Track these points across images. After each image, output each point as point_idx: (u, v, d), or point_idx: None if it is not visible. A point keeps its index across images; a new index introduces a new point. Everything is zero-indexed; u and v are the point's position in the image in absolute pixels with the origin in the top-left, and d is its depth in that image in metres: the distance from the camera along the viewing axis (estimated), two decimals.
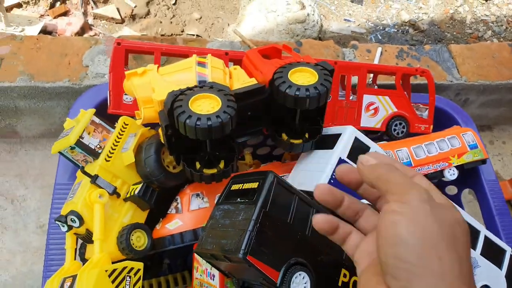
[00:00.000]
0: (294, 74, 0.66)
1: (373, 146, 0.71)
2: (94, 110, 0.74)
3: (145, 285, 0.93)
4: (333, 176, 0.66)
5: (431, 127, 0.96)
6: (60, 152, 0.72)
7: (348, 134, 0.69)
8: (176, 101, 0.59)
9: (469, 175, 1.00)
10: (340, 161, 0.67)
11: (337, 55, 1.21)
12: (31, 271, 1.07)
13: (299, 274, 0.56)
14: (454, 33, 1.68)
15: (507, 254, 0.80)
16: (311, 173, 0.69)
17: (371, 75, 1.06)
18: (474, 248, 0.77)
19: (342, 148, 0.68)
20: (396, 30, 1.62)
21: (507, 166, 1.53)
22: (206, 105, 0.59)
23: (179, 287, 0.90)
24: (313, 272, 0.57)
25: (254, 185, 0.59)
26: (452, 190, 1.06)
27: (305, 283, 0.56)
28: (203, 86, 0.62)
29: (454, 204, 0.41)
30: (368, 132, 0.91)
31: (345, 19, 1.61)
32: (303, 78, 0.65)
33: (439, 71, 1.25)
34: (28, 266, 1.07)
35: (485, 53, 1.33)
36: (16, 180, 1.17)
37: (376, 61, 1.22)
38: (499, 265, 0.79)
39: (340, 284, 0.62)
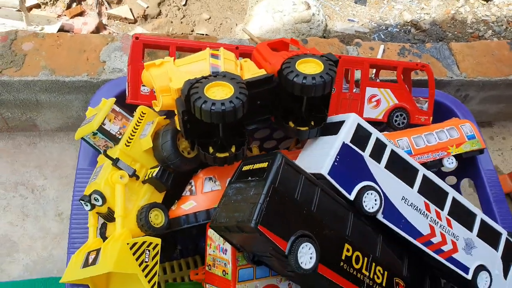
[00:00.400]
0: (301, 64, 0.71)
1: (375, 132, 0.75)
2: (114, 99, 0.80)
3: (159, 269, 0.99)
4: (337, 159, 0.71)
5: (431, 118, 1.00)
6: (82, 138, 0.78)
7: (351, 121, 0.74)
8: (192, 88, 0.64)
9: (468, 164, 1.04)
10: (344, 145, 0.72)
11: (341, 52, 1.26)
12: (51, 255, 1.13)
13: (306, 245, 0.61)
14: (455, 32, 1.73)
15: (503, 237, 0.85)
16: (316, 157, 0.74)
17: (374, 70, 1.12)
18: (471, 230, 0.81)
19: (346, 133, 0.73)
20: (398, 30, 1.67)
21: (507, 161, 1.57)
22: (220, 92, 0.64)
23: (191, 269, 0.96)
24: (318, 244, 0.63)
25: (264, 165, 0.65)
26: (451, 180, 1.11)
27: (311, 253, 0.61)
28: (217, 75, 0.68)
29: None
30: (370, 123, 0.96)
31: (349, 19, 1.67)
32: (310, 68, 0.71)
33: (440, 68, 1.30)
34: (48, 251, 1.13)
35: (484, 51, 1.38)
36: (36, 171, 1.23)
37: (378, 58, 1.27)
38: (495, 246, 0.84)
39: (343, 257, 0.67)
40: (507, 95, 1.46)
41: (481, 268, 0.81)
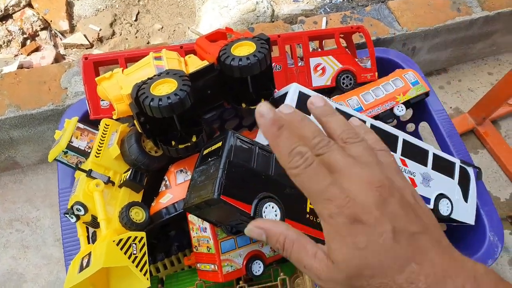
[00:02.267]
0: (236, 48, 0.78)
1: (316, 95, 0.82)
2: (77, 118, 0.86)
3: (160, 266, 1.05)
4: None
5: (376, 74, 1.08)
6: (56, 159, 0.84)
7: (293, 90, 0.81)
8: (140, 90, 0.71)
9: (421, 110, 1.12)
10: None
11: (287, 32, 1.33)
12: (58, 278, 1.19)
13: (269, 205, 0.68)
14: None
15: (456, 165, 0.92)
16: None
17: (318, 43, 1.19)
18: (426, 165, 0.89)
19: (290, 102, 0.80)
20: (342, 1, 1.75)
21: (466, 101, 1.65)
22: (165, 88, 0.71)
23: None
24: (281, 202, 0.69)
25: (219, 144, 0.71)
26: (411, 127, 1.19)
27: (275, 211, 0.68)
28: (160, 74, 0.74)
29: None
30: (321, 91, 1.03)
31: (294, 1, 1.73)
32: (244, 50, 0.77)
33: (382, 27, 1.38)
34: (55, 274, 1.19)
35: (420, 3, 1.45)
36: (27, 205, 1.29)
37: None
38: (451, 175, 0.91)
39: (308, 210, 0.73)
40: (451, 39, 1.54)
41: (440, 196, 0.88)
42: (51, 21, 1.57)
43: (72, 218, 0.79)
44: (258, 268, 0.80)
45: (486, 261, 0.91)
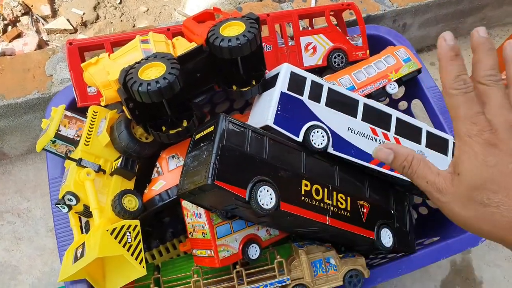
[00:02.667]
0: (225, 29, 0.76)
1: (309, 75, 0.81)
2: (64, 105, 0.84)
3: (155, 253, 1.04)
4: (279, 108, 0.76)
5: (368, 52, 1.06)
6: (44, 149, 0.82)
7: (284, 70, 0.79)
8: (128, 74, 0.69)
9: (413, 87, 1.11)
10: (282, 94, 0.77)
11: (276, 11, 1.31)
12: (53, 269, 1.18)
13: (264, 188, 0.67)
14: None
15: (450, 142, 0.92)
16: (261, 111, 0.80)
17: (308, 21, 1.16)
18: (420, 142, 0.88)
19: (282, 83, 0.78)
20: None
21: None
22: (154, 72, 0.69)
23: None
24: (276, 185, 0.69)
25: (211, 128, 0.70)
26: (403, 105, 1.18)
27: (270, 194, 0.67)
28: (148, 57, 0.72)
29: None
30: (312, 70, 1.01)
31: None
32: (233, 30, 0.75)
33: (372, 4, 1.35)
34: (49, 265, 1.18)
35: None
36: (17, 196, 1.27)
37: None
38: (445, 152, 0.91)
39: (303, 192, 0.73)
40: (442, 14, 1.52)
41: None
42: (32, 5, 1.52)
43: (63, 208, 0.77)
44: (254, 251, 0.80)
45: (479, 238, 0.92)
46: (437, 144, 0.90)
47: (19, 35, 1.44)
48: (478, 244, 0.92)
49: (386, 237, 0.84)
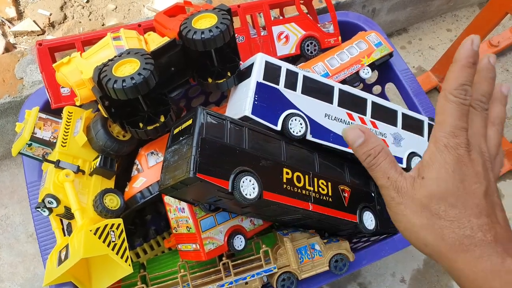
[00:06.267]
0: (197, 21, 0.75)
1: (284, 64, 0.81)
2: (38, 107, 0.82)
3: (139, 251, 1.04)
4: (256, 98, 0.77)
5: (340, 38, 1.07)
6: (20, 153, 0.81)
7: (259, 60, 0.79)
8: (102, 72, 0.68)
9: (385, 71, 1.13)
10: (258, 84, 0.78)
11: (246, 1, 1.30)
12: (35, 275, 1.16)
13: (246, 179, 0.67)
14: None
15: (425, 123, 0.94)
16: (239, 102, 0.80)
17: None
18: (396, 125, 0.90)
19: (257, 73, 0.78)
20: None
21: (428, 59, 1.68)
22: (128, 68, 0.68)
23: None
24: (258, 175, 0.69)
25: (190, 122, 0.70)
26: (377, 90, 1.20)
27: (252, 184, 0.68)
28: (121, 54, 0.71)
29: None
30: (286, 59, 1.01)
31: None
32: (206, 22, 0.75)
33: None
34: (31, 271, 1.16)
35: None
36: None
37: None
38: (420, 133, 0.93)
39: (285, 180, 0.73)
40: None
41: (412, 154, 0.90)
42: None
43: (44, 211, 0.76)
44: (239, 242, 0.80)
45: None
46: (413, 126, 0.92)
47: None
48: None
49: (369, 220, 0.85)
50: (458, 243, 0.38)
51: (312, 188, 0.77)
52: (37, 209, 0.76)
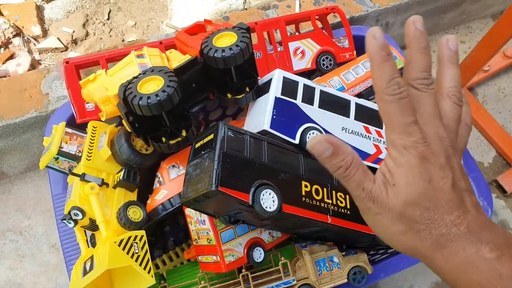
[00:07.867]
0: (218, 40, 0.78)
1: (301, 79, 0.83)
2: (64, 123, 0.86)
3: (158, 262, 1.06)
4: (274, 113, 0.79)
5: (354, 53, 1.09)
6: (48, 166, 0.84)
7: (277, 76, 0.82)
8: (127, 90, 0.71)
9: None
10: (277, 99, 0.80)
11: (262, 18, 1.34)
12: (57, 284, 1.19)
13: (266, 191, 0.69)
14: None
15: None
16: (257, 117, 0.82)
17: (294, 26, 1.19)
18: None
19: (275, 88, 0.81)
20: None
21: None
22: (152, 86, 0.71)
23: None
24: (277, 188, 0.71)
25: (211, 136, 0.72)
26: None
27: (272, 197, 0.69)
28: (145, 72, 0.74)
29: None
30: (302, 74, 1.04)
31: None
32: (226, 41, 0.78)
33: (355, 5, 1.39)
34: (53, 281, 1.19)
35: None
36: (18, 214, 1.28)
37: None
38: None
39: (303, 193, 0.75)
40: (422, 11, 1.56)
41: None
42: (22, 27, 1.54)
43: (70, 223, 0.79)
44: (259, 255, 0.82)
45: None
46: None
47: (11, 56, 1.46)
48: None
49: None
50: (436, 243, 0.39)
51: (330, 201, 0.78)
52: (63, 221, 0.79)
